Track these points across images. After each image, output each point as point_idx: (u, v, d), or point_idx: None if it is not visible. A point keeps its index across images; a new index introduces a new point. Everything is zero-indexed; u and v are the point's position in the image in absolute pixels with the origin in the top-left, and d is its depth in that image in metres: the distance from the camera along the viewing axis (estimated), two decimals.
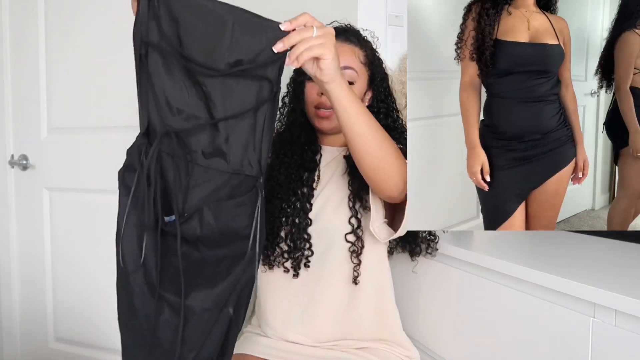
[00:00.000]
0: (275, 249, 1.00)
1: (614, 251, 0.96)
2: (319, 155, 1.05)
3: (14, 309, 1.95)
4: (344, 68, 0.97)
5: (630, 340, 0.66)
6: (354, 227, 0.98)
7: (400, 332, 1.05)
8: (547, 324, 0.79)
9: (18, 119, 1.89)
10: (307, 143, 1.04)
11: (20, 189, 1.91)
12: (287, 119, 1.06)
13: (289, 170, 1.01)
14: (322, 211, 1.00)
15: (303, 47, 0.68)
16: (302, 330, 1.01)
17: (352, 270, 0.99)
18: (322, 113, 0.99)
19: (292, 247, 0.99)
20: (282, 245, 1.00)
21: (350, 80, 0.98)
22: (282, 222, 0.99)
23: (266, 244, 1.00)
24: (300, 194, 1.00)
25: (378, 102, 1.03)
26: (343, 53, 0.99)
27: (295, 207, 0.99)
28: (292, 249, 0.98)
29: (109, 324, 1.75)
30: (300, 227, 0.98)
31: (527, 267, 0.82)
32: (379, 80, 1.03)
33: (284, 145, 1.03)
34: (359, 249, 0.98)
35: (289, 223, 0.99)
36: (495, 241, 1.14)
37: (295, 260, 0.99)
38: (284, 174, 1.01)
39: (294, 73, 1.06)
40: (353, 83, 0.99)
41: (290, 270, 1.00)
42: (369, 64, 1.02)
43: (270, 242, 1.00)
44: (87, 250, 1.79)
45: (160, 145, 0.68)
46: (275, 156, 1.02)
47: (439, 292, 1.06)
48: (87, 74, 1.74)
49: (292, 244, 0.98)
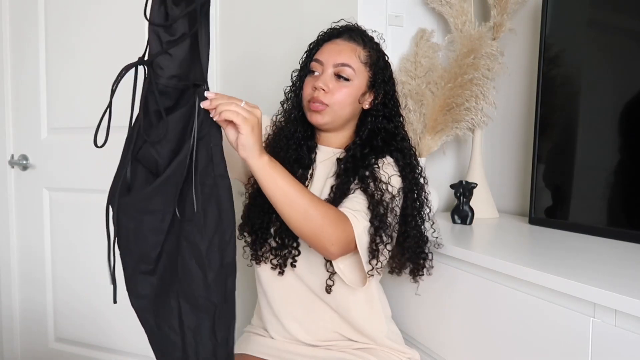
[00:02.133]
0: (264, 244, 1.00)
1: (614, 251, 0.96)
2: (315, 154, 1.05)
3: (14, 308, 1.95)
4: (341, 65, 0.98)
5: (630, 340, 0.66)
6: None
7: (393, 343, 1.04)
8: (547, 324, 0.79)
9: (18, 119, 1.89)
10: (304, 139, 1.04)
11: (20, 189, 1.91)
12: (287, 114, 1.06)
13: (284, 164, 1.00)
14: None
15: (229, 107, 0.74)
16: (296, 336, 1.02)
17: (327, 278, 0.98)
18: (314, 107, 0.98)
19: (279, 244, 0.98)
20: (270, 242, 1.00)
21: (345, 76, 0.98)
22: (273, 217, 0.98)
23: (255, 239, 1.01)
24: None
25: (379, 106, 1.02)
26: (342, 50, 0.99)
27: None
28: (280, 246, 0.98)
29: (109, 324, 1.75)
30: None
31: (527, 267, 0.82)
32: (380, 83, 1.01)
33: (281, 139, 1.03)
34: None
35: (279, 219, 0.97)
36: (496, 241, 1.15)
37: (282, 258, 0.99)
38: None
39: (300, 68, 1.06)
40: (349, 80, 0.98)
41: (276, 267, 1.00)
42: (372, 65, 1.01)
43: (259, 237, 1.00)
44: (87, 250, 1.79)
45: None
46: (272, 150, 1.02)
47: (439, 291, 1.05)
48: (87, 74, 1.74)
49: (280, 241, 0.98)
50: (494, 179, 1.55)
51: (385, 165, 0.98)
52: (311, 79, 1.00)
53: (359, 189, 0.94)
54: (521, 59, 1.49)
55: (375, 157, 0.99)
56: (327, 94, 0.97)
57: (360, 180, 0.95)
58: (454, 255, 1.00)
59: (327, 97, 0.97)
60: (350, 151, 1.00)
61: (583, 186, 1.18)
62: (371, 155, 0.99)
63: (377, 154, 0.99)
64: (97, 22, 1.72)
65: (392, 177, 0.96)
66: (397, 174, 0.98)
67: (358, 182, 0.95)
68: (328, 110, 0.98)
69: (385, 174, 0.96)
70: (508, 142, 1.54)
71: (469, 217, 1.28)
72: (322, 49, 1.02)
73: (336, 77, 0.98)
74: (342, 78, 0.98)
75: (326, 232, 0.85)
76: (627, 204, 1.09)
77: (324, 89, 0.97)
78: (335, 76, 0.98)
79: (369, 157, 0.98)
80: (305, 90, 1.01)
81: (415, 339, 1.13)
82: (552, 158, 1.26)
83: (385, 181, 0.95)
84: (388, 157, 1.00)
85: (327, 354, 1.01)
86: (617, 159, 1.11)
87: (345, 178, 0.96)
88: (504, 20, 1.41)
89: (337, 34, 1.02)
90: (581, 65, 1.21)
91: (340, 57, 0.99)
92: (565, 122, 1.24)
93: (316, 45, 1.04)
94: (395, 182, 0.96)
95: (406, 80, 1.46)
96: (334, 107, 0.98)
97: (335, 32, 1.03)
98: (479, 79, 1.36)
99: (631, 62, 1.09)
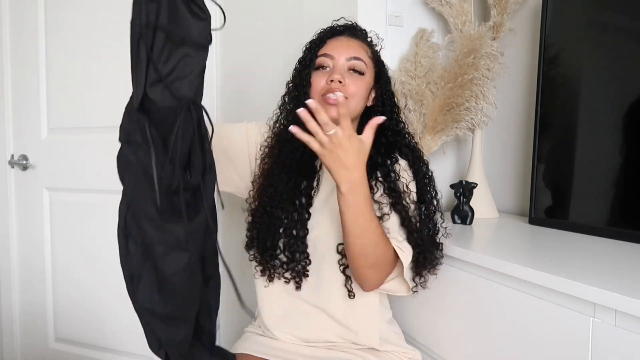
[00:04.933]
0: (274, 260, 0.99)
1: (614, 251, 0.96)
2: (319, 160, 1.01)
3: (14, 309, 1.95)
4: (354, 59, 0.96)
5: (630, 340, 0.66)
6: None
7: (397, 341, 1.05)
8: (547, 324, 0.79)
9: (18, 119, 1.90)
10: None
11: (20, 189, 1.92)
12: (288, 117, 1.01)
13: (288, 176, 0.98)
14: (319, 219, 0.99)
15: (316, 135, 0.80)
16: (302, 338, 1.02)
17: (344, 283, 0.99)
18: (329, 100, 0.92)
19: (290, 259, 0.97)
20: (280, 257, 0.99)
21: (360, 70, 0.96)
22: (280, 233, 0.97)
23: (264, 257, 0.99)
24: (299, 204, 0.98)
25: (380, 103, 1.03)
26: (351, 45, 0.98)
27: (292, 218, 0.97)
28: (290, 261, 0.97)
29: (108, 324, 1.75)
30: (298, 238, 0.97)
31: (527, 267, 0.82)
32: (382, 80, 1.02)
33: (284, 146, 0.99)
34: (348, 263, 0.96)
35: (287, 235, 0.97)
36: (496, 241, 1.14)
37: (294, 272, 0.98)
38: (284, 180, 0.98)
39: (297, 64, 1.03)
40: (363, 74, 0.97)
41: (290, 281, 0.99)
42: (376, 62, 1.01)
43: (269, 254, 0.98)
44: (87, 250, 1.79)
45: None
46: (275, 159, 1.00)
47: (439, 291, 1.05)
48: (87, 74, 1.75)
49: (291, 256, 0.97)
50: (494, 179, 1.54)
51: (402, 170, 0.98)
52: (322, 74, 0.96)
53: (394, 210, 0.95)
54: (521, 59, 1.49)
55: (388, 158, 0.98)
56: (344, 86, 0.94)
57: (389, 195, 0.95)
58: (454, 255, 1.00)
59: (345, 90, 0.94)
60: None
61: (583, 186, 1.18)
62: (381, 154, 0.98)
63: (387, 152, 0.99)
64: (97, 22, 1.72)
65: (410, 184, 0.97)
66: (412, 179, 0.99)
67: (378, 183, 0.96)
68: (346, 103, 0.93)
69: (404, 180, 0.97)
70: (508, 142, 1.54)
71: (469, 217, 1.28)
72: (329, 45, 0.99)
73: (350, 71, 0.96)
74: (357, 72, 0.96)
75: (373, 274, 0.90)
76: (627, 204, 1.09)
77: (340, 81, 0.94)
78: (349, 70, 0.96)
79: (380, 156, 0.98)
80: (316, 85, 0.96)
81: (415, 339, 1.13)
82: (552, 158, 1.26)
83: (406, 191, 0.96)
84: (401, 160, 1.00)
85: (328, 354, 1.01)
86: (617, 159, 1.11)
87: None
88: (504, 20, 1.41)
89: (340, 31, 1.01)
90: (581, 65, 1.21)
91: (351, 51, 0.97)
92: (565, 122, 1.24)
93: (319, 42, 1.01)
94: (412, 187, 0.97)
95: (406, 80, 1.46)
96: (351, 101, 0.95)
97: (338, 30, 1.02)
98: (479, 79, 1.36)
99: (631, 62, 1.09)
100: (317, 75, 0.97)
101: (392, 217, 0.94)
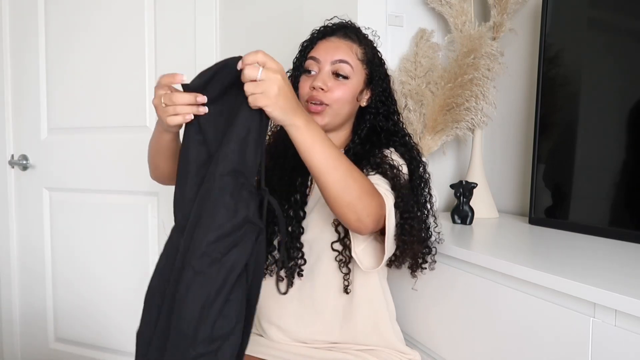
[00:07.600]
0: (268, 257, 0.98)
1: (614, 251, 0.96)
2: None
3: (14, 309, 1.95)
4: (339, 62, 0.96)
5: (630, 340, 0.66)
6: (340, 235, 0.96)
7: (397, 342, 1.04)
8: (547, 324, 0.78)
9: (18, 119, 1.90)
10: None
11: (20, 189, 1.92)
12: None
13: (282, 172, 0.98)
14: (314, 218, 0.98)
15: (249, 93, 0.69)
16: (297, 338, 1.01)
17: (342, 279, 0.98)
18: (312, 108, 0.94)
19: (285, 257, 0.97)
20: (275, 254, 0.99)
21: (344, 74, 0.97)
22: (276, 230, 0.97)
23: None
24: (294, 201, 0.98)
25: (377, 103, 1.02)
26: (339, 47, 0.98)
27: (288, 214, 0.97)
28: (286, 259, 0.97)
29: (109, 324, 1.75)
30: (293, 236, 0.97)
31: (527, 267, 0.82)
32: (377, 80, 1.01)
33: (280, 144, 1.01)
34: (346, 258, 0.96)
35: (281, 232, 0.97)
36: (496, 241, 1.14)
37: (289, 270, 0.97)
38: (277, 175, 0.99)
39: (293, 67, 1.04)
40: (347, 77, 0.97)
41: (284, 279, 0.99)
42: (368, 63, 1.00)
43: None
44: (87, 250, 1.79)
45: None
46: (270, 157, 1.00)
47: (439, 291, 1.05)
48: (87, 74, 1.75)
49: (286, 254, 0.97)
50: (494, 179, 1.54)
51: (393, 154, 0.97)
52: (308, 78, 0.98)
53: (378, 173, 0.91)
54: (521, 59, 1.49)
55: (379, 150, 0.97)
56: (326, 92, 0.95)
57: (374, 167, 0.92)
58: (454, 255, 1.00)
59: (327, 96, 0.95)
60: (351, 150, 0.99)
61: (583, 186, 1.18)
62: (374, 149, 0.97)
63: (379, 148, 0.98)
64: (97, 23, 1.72)
65: (402, 166, 0.95)
66: (404, 163, 0.96)
67: (372, 169, 0.93)
68: (328, 110, 0.96)
69: (396, 161, 0.94)
70: (508, 142, 1.54)
71: (469, 217, 1.28)
72: (317, 47, 1.00)
73: (334, 75, 0.97)
74: (341, 76, 0.97)
75: (364, 203, 0.80)
76: (627, 204, 1.09)
77: (322, 88, 0.95)
78: (333, 74, 0.97)
79: (372, 151, 0.97)
80: (302, 90, 0.98)
81: (415, 339, 1.13)
82: (552, 158, 1.26)
83: (398, 167, 0.93)
84: (392, 148, 0.99)
85: (328, 354, 1.00)
86: (617, 159, 1.11)
87: None
88: (504, 20, 1.41)
89: (332, 31, 1.01)
90: (581, 65, 1.21)
91: (338, 53, 0.97)
92: (565, 122, 1.24)
93: (310, 43, 1.02)
94: (405, 170, 0.95)
95: (406, 80, 1.46)
96: (334, 107, 0.96)
97: (329, 30, 1.01)
98: (479, 79, 1.36)
99: (631, 61, 1.09)
100: (303, 80, 0.99)
101: (380, 178, 0.90)
